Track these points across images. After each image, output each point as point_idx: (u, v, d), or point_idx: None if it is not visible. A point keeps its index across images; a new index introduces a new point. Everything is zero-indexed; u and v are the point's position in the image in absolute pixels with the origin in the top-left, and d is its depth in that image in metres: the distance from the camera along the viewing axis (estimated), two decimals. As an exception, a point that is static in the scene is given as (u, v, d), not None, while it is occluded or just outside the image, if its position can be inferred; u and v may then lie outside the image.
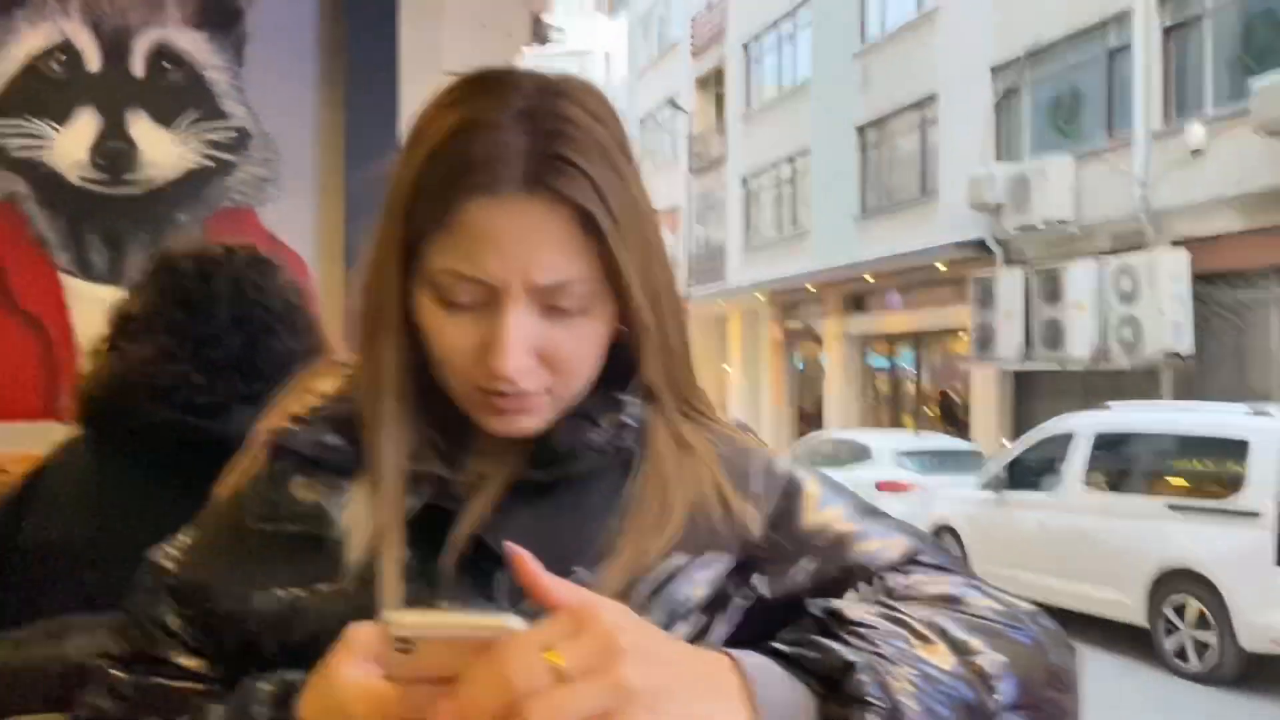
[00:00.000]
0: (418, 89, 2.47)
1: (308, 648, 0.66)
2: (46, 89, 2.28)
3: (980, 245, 14.25)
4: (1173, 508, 7.23)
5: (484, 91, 0.72)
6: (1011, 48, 14.03)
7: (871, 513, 0.79)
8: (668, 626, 0.71)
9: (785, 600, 0.73)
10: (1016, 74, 14.10)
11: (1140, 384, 11.97)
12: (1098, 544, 7.69)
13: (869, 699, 0.58)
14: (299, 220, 2.44)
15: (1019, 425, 12.82)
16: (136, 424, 1.30)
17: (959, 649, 0.65)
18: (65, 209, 2.30)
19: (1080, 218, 12.72)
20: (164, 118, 2.36)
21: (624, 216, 0.71)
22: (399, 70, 2.45)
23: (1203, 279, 11.26)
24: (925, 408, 17.71)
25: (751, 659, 0.60)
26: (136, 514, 1.26)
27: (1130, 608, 7.39)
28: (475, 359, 0.71)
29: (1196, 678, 6.82)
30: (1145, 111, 11.92)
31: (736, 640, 0.71)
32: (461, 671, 0.54)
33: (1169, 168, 11.62)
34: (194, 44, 2.39)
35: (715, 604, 0.73)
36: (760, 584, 0.74)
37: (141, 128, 2.35)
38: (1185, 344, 11.19)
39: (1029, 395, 14.07)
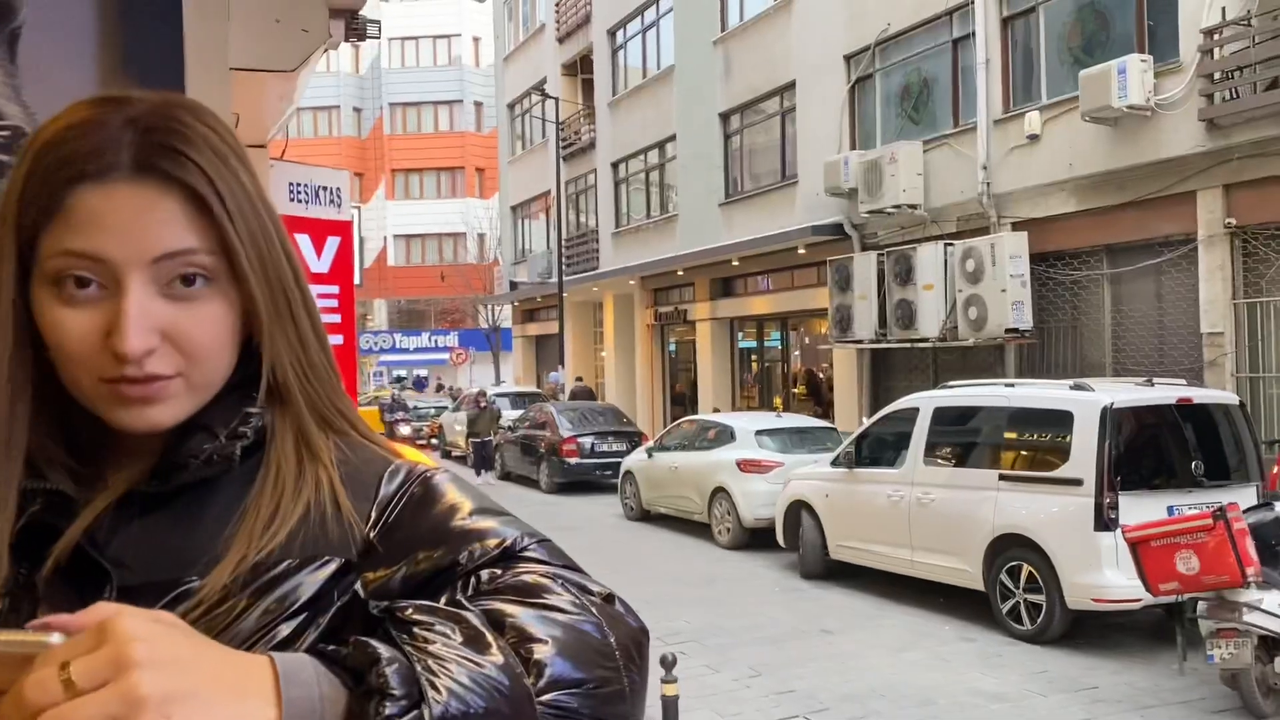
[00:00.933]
0: (204, 87, 2.44)
1: None
2: None
3: (838, 229, 14.68)
4: (1004, 478, 7.63)
5: (98, 104, 0.76)
6: (863, 36, 14.47)
7: (487, 511, 0.83)
8: (269, 627, 0.75)
9: (377, 597, 0.77)
10: (869, 62, 14.54)
11: (987, 360, 12.57)
12: (940, 515, 8.07)
13: (389, 690, 0.63)
14: (81, 222, 2.38)
15: (877, 402, 13.28)
16: None
17: (516, 636, 0.70)
18: None
19: (929, 201, 13.23)
20: (-70, 117, 2.27)
21: (235, 205, 0.76)
22: (185, 68, 2.42)
23: (1040, 259, 11.87)
24: (794, 388, 18.19)
25: (288, 659, 0.64)
26: None
27: (971, 574, 7.77)
28: (98, 347, 0.73)
29: (1028, 637, 7.24)
30: (987, 99, 12.45)
31: (334, 639, 0.75)
32: (10, 683, 0.58)
33: (1009, 153, 12.19)
34: (-39, 40, 2.31)
35: (318, 605, 0.77)
36: (359, 586, 0.78)
37: (-95, 128, 2.26)
38: (1025, 321, 11.78)
39: (886, 373, 14.60)
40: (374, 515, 0.81)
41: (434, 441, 22.84)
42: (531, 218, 28.23)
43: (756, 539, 10.70)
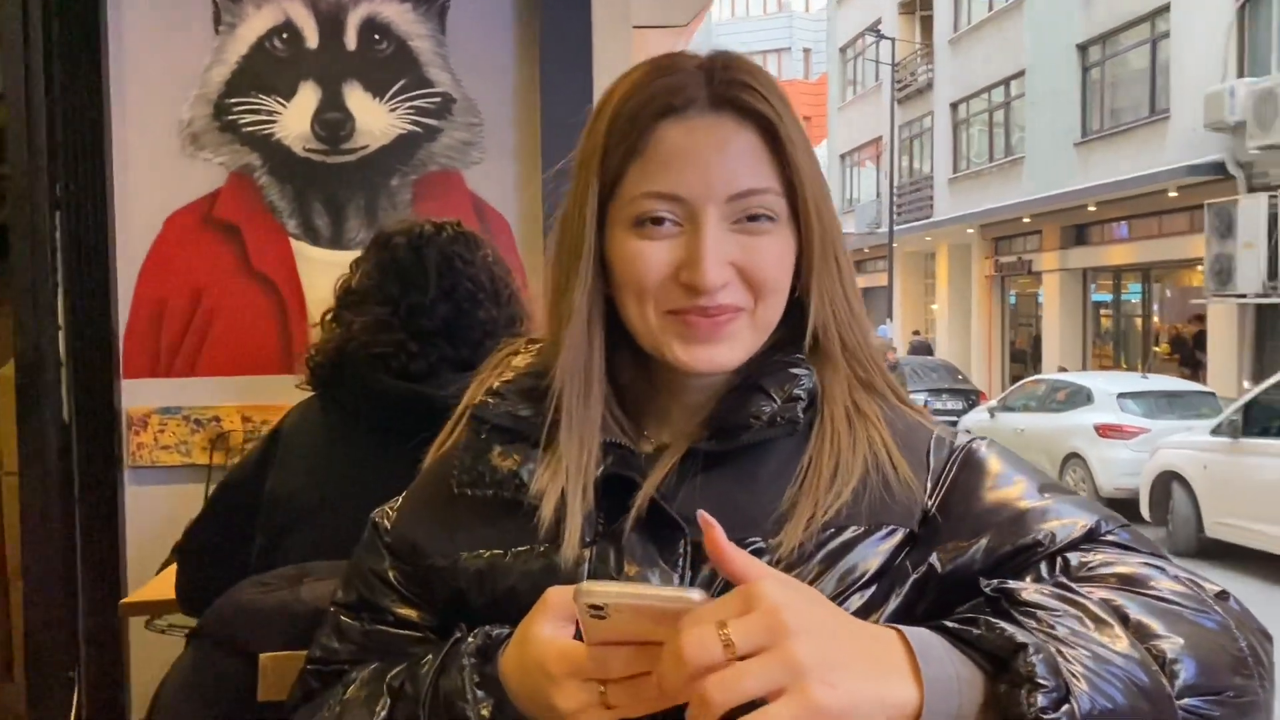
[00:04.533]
0: (610, 45, 2.51)
1: (507, 602, 0.74)
2: (272, 67, 2.46)
3: (1218, 168, 13.06)
4: None
5: (666, 58, 0.79)
6: (1260, -54, 12.66)
7: (1054, 489, 0.78)
8: (841, 597, 0.73)
9: (958, 577, 0.73)
10: (1265, -24, 12.71)
11: None
12: (1351, 496, 7.02)
13: (1038, 680, 0.57)
14: (501, 181, 2.54)
15: (1262, 365, 11.78)
16: (360, 389, 1.42)
17: (1137, 631, 0.63)
18: (292, 178, 2.49)
19: (1339, 134, 11.43)
20: (375, 88, 2.50)
21: (798, 137, 0.77)
22: (591, 27, 2.49)
23: None
24: (1155, 347, 16.57)
25: (917, 634, 0.60)
26: (359, 471, 1.39)
27: (1389, 566, 6.73)
28: (671, 280, 0.75)
29: None
30: None
31: (909, 614, 0.72)
32: (646, 636, 0.59)
33: None
34: (400, 15, 2.51)
35: (889, 576, 0.74)
36: (934, 559, 0.74)
37: (356, 98, 2.50)
38: None
39: (1274, 332, 12.89)
40: (929, 485, 0.77)
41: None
42: (860, 165, 27.56)
43: (1115, 510, 9.88)
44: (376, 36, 2.51)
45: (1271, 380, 8.37)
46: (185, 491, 2.38)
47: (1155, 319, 16.92)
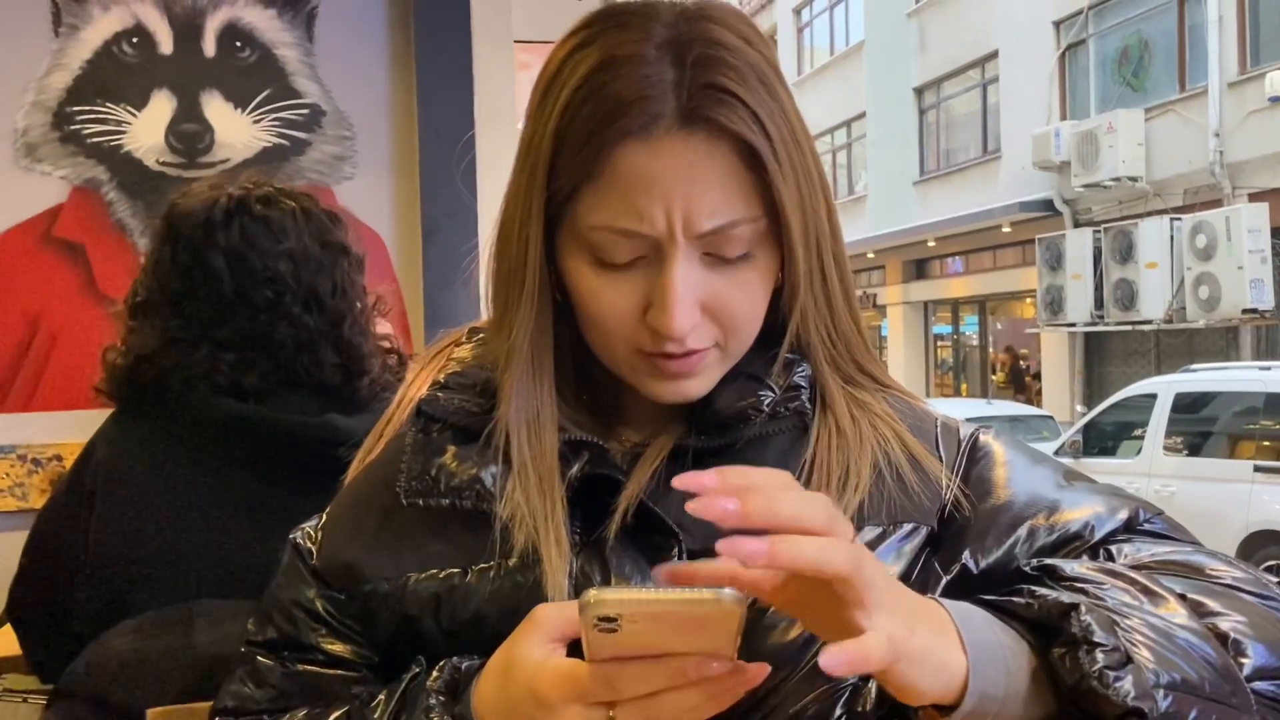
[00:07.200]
0: (490, 58, 2.42)
1: (471, 629, 0.64)
2: (121, 74, 2.26)
3: (1047, 205, 13.90)
4: (1260, 469, 7.01)
5: (619, 25, 0.65)
6: (1075, 0, 13.61)
7: (1078, 477, 0.73)
8: None
9: (996, 575, 0.66)
10: (1081, 27, 13.67)
11: (1218, 343, 11.62)
12: (1181, 510, 7.47)
13: (1094, 639, 0.53)
14: (375, 197, 2.40)
15: (1091, 389, 12.51)
16: (190, 416, 1.21)
17: (1196, 609, 0.58)
18: (144, 194, 2.29)
19: (1151, 174, 12.33)
20: (237, 98, 2.33)
21: (784, 148, 0.66)
22: (471, 40, 2.40)
23: (1283, 233, 10.86)
24: (992, 375, 17.41)
25: (954, 604, 0.56)
26: (200, 506, 1.21)
27: (1217, 573, 7.18)
28: (637, 320, 0.66)
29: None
30: (1220, 60, 11.47)
31: None
32: (662, 648, 0.51)
33: (1245, 118, 11.19)
34: (263, 21, 2.36)
35: (916, 580, 0.67)
36: (968, 559, 0.67)
37: (215, 108, 2.32)
38: (1266, 300, 10.80)
39: (1101, 358, 13.74)
40: (944, 480, 0.70)
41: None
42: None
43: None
44: (238, 44, 2.35)
45: (1106, 403, 8.89)
46: (23, 540, 2.13)
47: (991, 349, 17.79)
